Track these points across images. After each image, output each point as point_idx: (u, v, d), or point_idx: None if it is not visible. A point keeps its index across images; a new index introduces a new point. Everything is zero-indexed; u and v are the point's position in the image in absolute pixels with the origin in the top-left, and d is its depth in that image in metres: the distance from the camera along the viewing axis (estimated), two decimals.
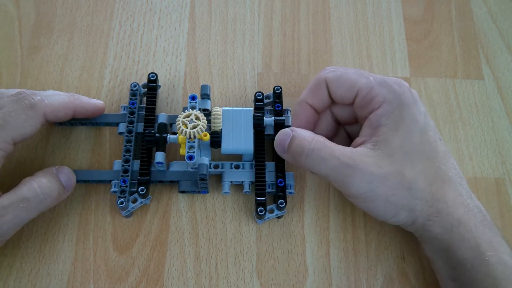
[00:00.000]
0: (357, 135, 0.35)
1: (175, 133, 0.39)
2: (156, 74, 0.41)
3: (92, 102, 0.39)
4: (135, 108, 0.40)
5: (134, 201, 0.37)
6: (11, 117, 0.33)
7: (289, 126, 0.40)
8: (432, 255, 0.34)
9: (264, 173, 0.37)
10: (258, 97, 0.40)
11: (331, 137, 0.39)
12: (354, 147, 0.34)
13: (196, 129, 0.35)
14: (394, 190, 0.32)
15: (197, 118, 0.36)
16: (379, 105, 0.34)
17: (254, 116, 0.38)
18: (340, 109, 0.38)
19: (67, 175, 0.35)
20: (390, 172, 0.32)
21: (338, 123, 0.39)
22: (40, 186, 0.33)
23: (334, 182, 0.34)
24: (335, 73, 0.35)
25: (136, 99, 0.40)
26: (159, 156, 0.37)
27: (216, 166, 0.38)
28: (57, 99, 0.36)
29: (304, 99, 0.37)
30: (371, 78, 0.35)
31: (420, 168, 0.33)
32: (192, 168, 0.37)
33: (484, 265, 0.31)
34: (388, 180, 0.32)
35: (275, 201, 0.37)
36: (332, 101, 0.37)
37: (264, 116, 0.39)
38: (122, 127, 0.39)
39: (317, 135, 0.34)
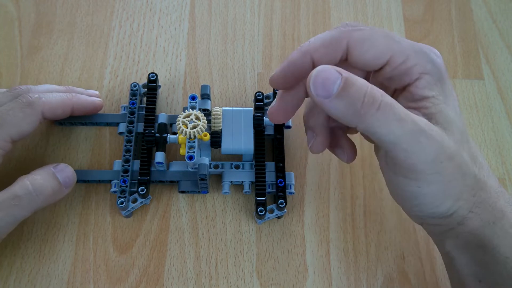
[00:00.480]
0: None
1: (175, 133, 0.39)
2: (156, 74, 0.41)
3: (90, 100, 0.39)
4: (135, 108, 0.40)
5: (134, 201, 0.37)
6: (9, 115, 0.33)
7: (289, 126, 0.40)
8: (456, 251, 0.30)
9: (264, 173, 0.37)
10: (258, 97, 0.40)
11: None
12: None
13: (196, 129, 0.35)
14: (454, 174, 0.27)
15: (197, 118, 0.36)
16: (418, 76, 0.28)
17: (254, 116, 0.38)
18: (358, 74, 0.29)
19: (65, 172, 0.35)
20: (455, 151, 0.27)
21: None
22: (32, 184, 0.33)
23: (401, 152, 0.26)
24: (363, 34, 0.28)
25: (136, 99, 0.40)
26: (159, 156, 0.37)
27: (216, 166, 0.38)
28: (55, 96, 0.36)
29: (309, 51, 0.29)
30: (405, 44, 0.28)
31: (468, 149, 0.28)
32: (192, 168, 0.37)
33: None
34: (451, 161, 0.27)
35: (275, 201, 0.37)
36: (341, 65, 0.28)
37: (264, 116, 0.39)
38: (122, 127, 0.39)
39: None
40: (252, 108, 0.39)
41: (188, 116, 0.36)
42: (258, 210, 0.36)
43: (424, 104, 0.28)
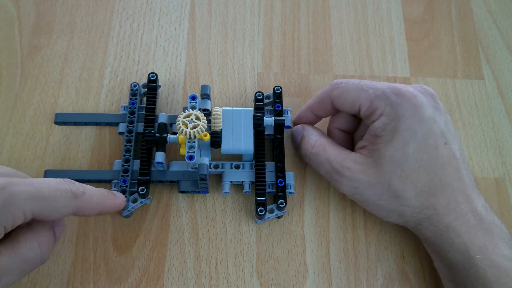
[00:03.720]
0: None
1: (175, 133, 0.39)
2: (156, 74, 0.41)
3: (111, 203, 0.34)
4: (135, 108, 0.40)
5: (134, 201, 0.37)
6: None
7: (289, 127, 0.40)
8: (431, 254, 0.36)
9: (264, 173, 0.37)
10: (258, 97, 0.40)
11: (347, 129, 0.40)
12: (355, 150, 0.36)
13: (196, 129, 0.35)
14: (380, 195, 0.34)
15: (197, 118, 0.36)
16: (378, 117, 0.35)
17: (254, 116, 0.38)
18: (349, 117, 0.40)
19: (61, 227, 0.32)
20: (376, 180, 0.34)
21: (353, 118, 0.40)
22: (40, 246, 0.29)
23: (330, 183, 0.37)
24: (338, 91, 0.37)
25: (136, 99, 0.40)
26: (159, 156, 0.37)
27: (216, 166, 0.38)
28: (98, 196, 0.32)
29: (310, 107, 0.39)
30: (370, 91, 0.35)
31: (410, 178, 0.33)
32: (192, 168, 0.37)
33: (473, 268, 0.32)
34: (374, 187, 0.34)
35: (275, 201, 0.37)
36: (337, 111, 0.39)
37: (264, 116, 0.39)
38: (122, 127, 0.39)
39: (321, 137, 0.38)
40: (252, 108, 0.39)
41: (188, 116, 0.36)
42: (258, 210, 0.36)
43: (375, 141, 0.35)
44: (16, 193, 0.26)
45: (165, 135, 0.37)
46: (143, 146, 0.38)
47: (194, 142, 0.35)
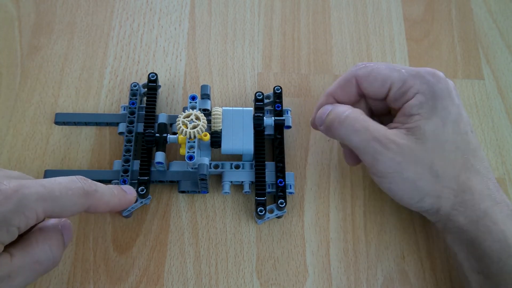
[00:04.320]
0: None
1: (175, 133, 0.39)
2: (156, 74, 0.41)
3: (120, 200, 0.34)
4: (135, 108, 0.40)
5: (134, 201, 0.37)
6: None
7: (289, 126, 0.40)
8: (455, 246, 0.34)
9: (264, 173, 0.37)
10: (258, 97, 0.40)
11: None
12: None
13: (196, 129, 0.35)
14: (421, 175, 0.33)
15: (197, 118, 0.36)
16: (413, 95, 0.34)
17: (254, 116, 0.38)
18: (373, 102, 0.38)
19: (69, 231, 0.31)
20: (420, 157, 0.32)
21: (372, 114, 0.39)
22: (51, 247, 0.30)
23: (363, 155, 0.34)
24: (366, 70, 0.35)
25: (136, 99, 0.40)
26: (159, 156, 0.37)
27: (216, 166, 0.38)
28: (108, 194, 0.32)
29: (331, 93, 0.37)
30: (403, 70, 0.35)
31: (450, 158, 0.33)
32: (192, 168, 0.37)
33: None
34: (417, 165, 0.32)
35: (275, 201, 0.37)
36: (361, 97, 0.37)
37: (264, 116, 0.39)
38: (122, 127, 0.39)
39: (355, 108, 0.35)
40: (252, 108, 0.39)
41: (188, 116, 0.36)
42: (258, 210, 0.36)
43: (411, 119, 0.33)
44: (28, 195, 0.27)
45: (165, 135, 0.37)
46: (143, 146, 0.38)
47: (194, 142, 0.35)
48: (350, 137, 0.34)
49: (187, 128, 0.35)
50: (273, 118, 0.39)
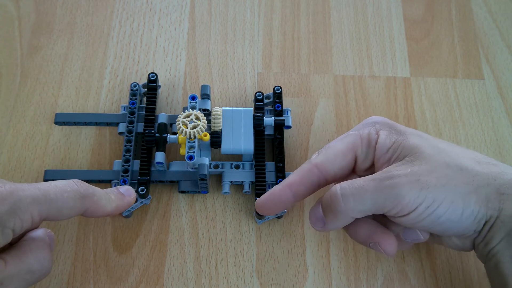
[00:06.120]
0: None
1: (175, 133, 0.39)
2: (156, 74, 0.41)
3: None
4: (135, 108, 0.40)
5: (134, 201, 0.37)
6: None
7: (289, 127, 0.40)
8: (502, 249, 0.29)
9: (264, 173, 0.37)
10: (258, 97, 0.40)
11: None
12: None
13: (196, 129, 0.35)
14: (445, 177, 0.29)
15: (197, 118, 0.36)
16: (376, 137, 0.32)
17: (254, 116, 0.38)
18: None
19: (54, 242, 0.31)
20: (432, 164, 0.29)
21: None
22: (44, 259, 0.29)
23: (383, 206, 0.29)
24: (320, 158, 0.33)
25: (136, 99, 0.40)
26: (159, 156, 0.37)
27: (216, 166, 0.38)
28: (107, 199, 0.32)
29: (289, 184, 0.33)
30: (353, 132, 0.33)
31: (456, 151, 0.31)
32: (192, 168, 0.37)
33: None
34: (435, 170, 0.29)
35: None
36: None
37: (264, 116, 0.39)
38: (122, 127, 0.39)
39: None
40: (252, 108, 0.39)
41: (188, 116, 0.36)
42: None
43: (380, 157, 0.31)
44: (23, 197, 0.27)
45: (165, 135, 0.37)
46: (143, 146, 0.38)
47: (194, 142, 0.35)
48: (361, 202, 0.29)
49: (187, 128, 0.35)
50: (273, 118, 0.39)
